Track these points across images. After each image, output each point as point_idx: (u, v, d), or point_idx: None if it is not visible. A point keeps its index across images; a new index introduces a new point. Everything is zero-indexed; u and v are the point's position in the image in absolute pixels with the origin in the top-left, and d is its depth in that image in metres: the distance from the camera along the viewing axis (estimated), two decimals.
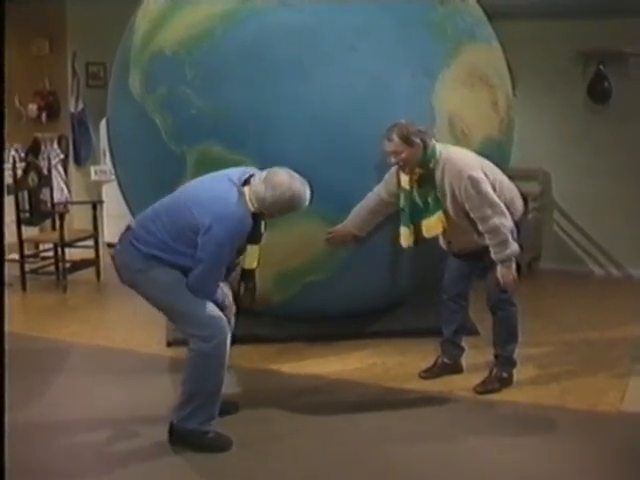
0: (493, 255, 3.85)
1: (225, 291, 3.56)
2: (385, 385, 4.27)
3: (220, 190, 3.33)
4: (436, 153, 3.88)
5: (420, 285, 5.03)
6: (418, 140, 3.85)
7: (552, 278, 6.87)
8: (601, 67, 6.68)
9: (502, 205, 3.82)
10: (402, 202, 4.07)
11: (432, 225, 3.96)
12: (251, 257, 3.51)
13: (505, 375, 4.17)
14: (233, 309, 3.66)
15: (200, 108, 4.31)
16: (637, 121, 6.67)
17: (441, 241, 4.14)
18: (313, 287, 4.57)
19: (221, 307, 3.46)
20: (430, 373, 4.36)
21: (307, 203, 3.40)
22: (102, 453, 3.48)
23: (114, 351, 4.90)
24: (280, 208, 3.35)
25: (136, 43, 4.70)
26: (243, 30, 4.32)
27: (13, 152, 7.50)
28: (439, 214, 3.92)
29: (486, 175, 3.85)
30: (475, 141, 4.49)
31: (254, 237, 3.42)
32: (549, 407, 3.93)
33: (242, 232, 3.31)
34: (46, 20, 7.80)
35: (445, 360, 4.39)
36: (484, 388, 4.12)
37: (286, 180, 3.30)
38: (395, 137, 3.86)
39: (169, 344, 4.78)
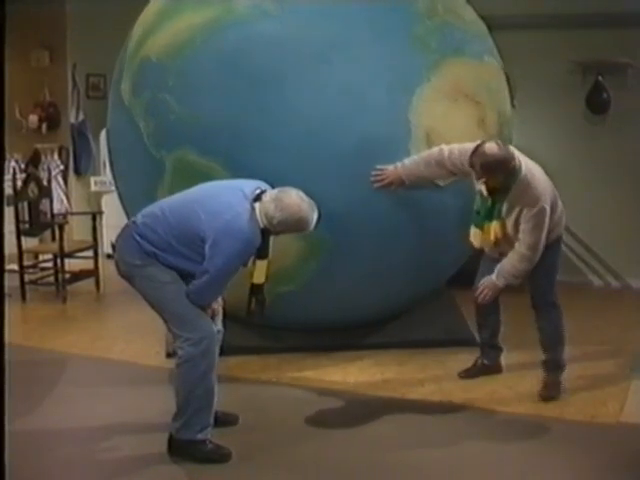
0: (499, 266, 3.93)
1: (218, 299, 3.58)
2: (385, 395, 4.27)
3: (232, 201, 3.35)
4: (520, 174, 3.83)
5: (411, 300, 4.95)
6: (500, 175, 3.79)
7: None
8: (600, 78, 6.67)
9: (539, 252, 3.87)
10: (478, 204, 4.03)
11: (489, 232, 3.97)
12: (260, 272, 3.53)
13: (561, 379, 4.19)
14: (221, 316, 3.67)
15: (178, 114, 4.33)
16: (636, 132, 6.67)
17: (487, 248, 4.14)
18: (285, 298, 4.47)
19: (209, 314, 3.47)
20: (468, 373, 4.41)
21: (313, 226, 3.43)
22: (100, 464, 3.48)
23: (113, 362, 4.91)
24: (287, 228, 3.39)
25: (129, 50, 4.76)
26: (223, 40, 4.33)
27: (13, 163, 7.51)
28: (495, 224, 3.93)
29: (552, 202, 3.89)
30: None
31: (262, 252, 3.44)
32: (548, 418, 3.93)
33: (252, 248, 3.34)
34: (46, 31, 7.85)
35: (485, 362, 4.44)
36: (547, 394, 4.13)
37: (296, 202, 3.33)
38: (478, 168, 3.81)
39: (168, 355, 4.76)
